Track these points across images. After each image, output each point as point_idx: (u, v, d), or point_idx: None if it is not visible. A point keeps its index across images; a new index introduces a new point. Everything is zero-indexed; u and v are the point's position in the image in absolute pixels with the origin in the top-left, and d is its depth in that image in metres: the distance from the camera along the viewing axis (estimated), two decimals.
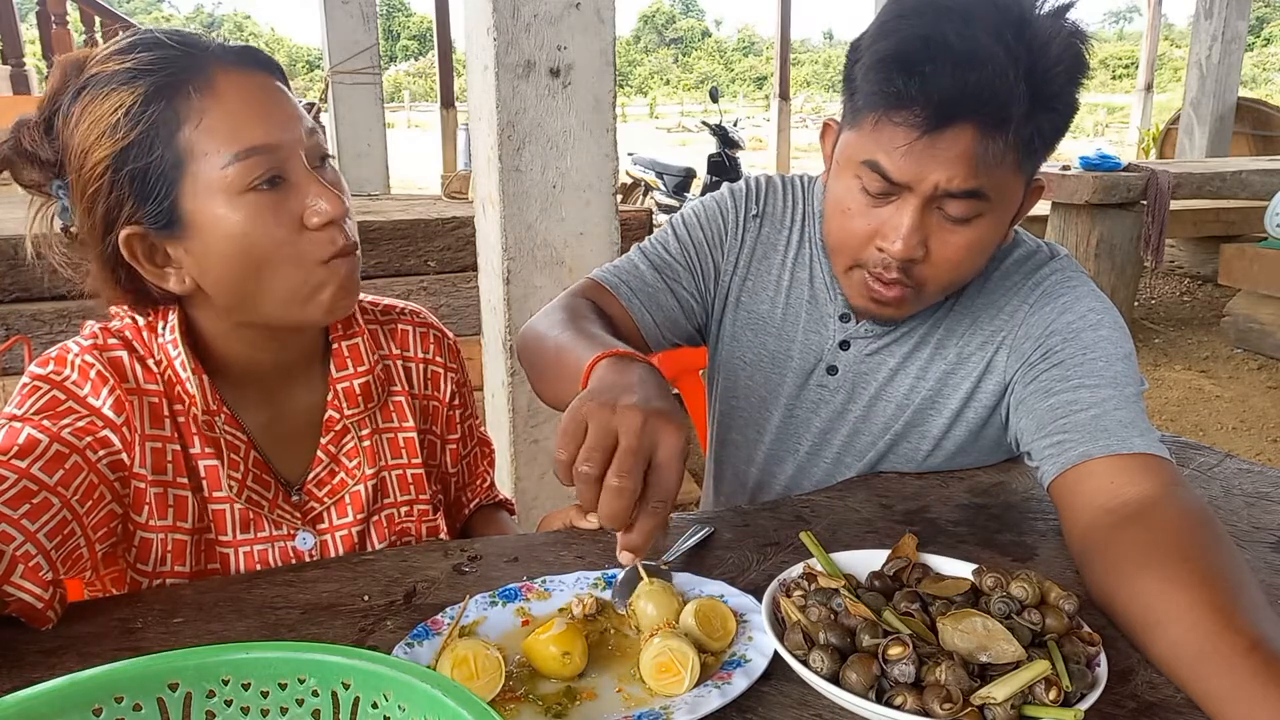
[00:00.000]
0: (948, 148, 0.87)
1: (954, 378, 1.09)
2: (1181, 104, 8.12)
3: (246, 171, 0.81)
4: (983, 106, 0.85)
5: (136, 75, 0.81)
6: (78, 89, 0.83)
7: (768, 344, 1.17)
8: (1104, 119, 25.51)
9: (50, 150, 0.85)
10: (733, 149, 7.92)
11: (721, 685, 0.69)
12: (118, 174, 0.81)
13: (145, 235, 0.84)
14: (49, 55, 6.33)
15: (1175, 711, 0.68)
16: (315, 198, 0.84)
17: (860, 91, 0.92)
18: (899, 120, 0.88)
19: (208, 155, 0.81)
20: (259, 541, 0.93)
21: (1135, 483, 0.86)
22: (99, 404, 0.85)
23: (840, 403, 1.14)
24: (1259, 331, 4.94)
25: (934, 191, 0.90)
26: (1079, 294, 1.03)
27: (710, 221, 1.19)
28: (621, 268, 1.17)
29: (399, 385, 1.04)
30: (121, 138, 0.80)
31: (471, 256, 3.16)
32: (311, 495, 0.97)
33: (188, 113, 0.81)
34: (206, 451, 0.91)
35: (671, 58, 49.11)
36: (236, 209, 0.82)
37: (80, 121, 0.82)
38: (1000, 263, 1.08)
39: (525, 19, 1.87)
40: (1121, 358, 0.97)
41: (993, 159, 0.88)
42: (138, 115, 0.80)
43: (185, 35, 0.84)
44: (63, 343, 0.89)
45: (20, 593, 0.73)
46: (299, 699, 0.52)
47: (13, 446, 0.79)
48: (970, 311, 1.08)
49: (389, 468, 1.02)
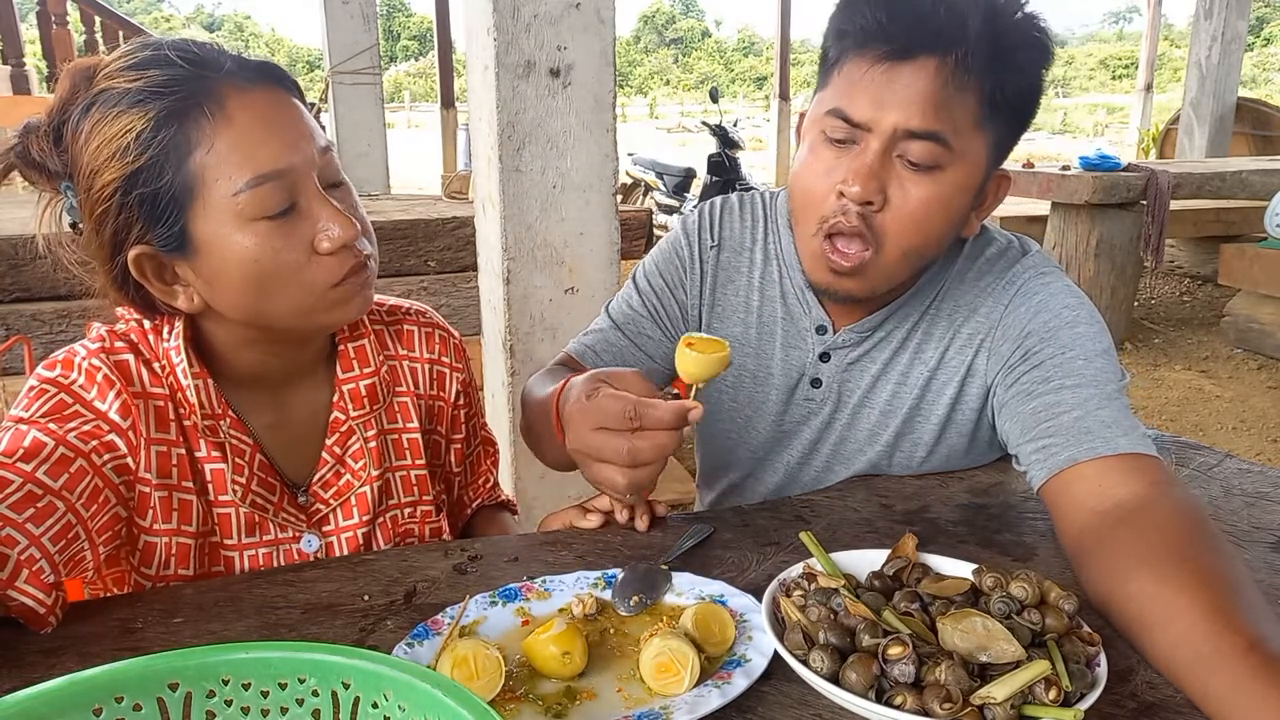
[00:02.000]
0: (908, 84, 0.90)
1: (936, 382, 1.09)
2: (1181, 104, 8.12)
3: (259, 200, 0.81)
4: (942, 43, 0.88)
5: (147, 98, 0.79)
6: (88, 103, 0.81)
7: (746, 364, 1.16)
8: (1104, 119, 25.52)
9: (59, 162, 0.84)
10: (733, 149, 7.91)
11: (721, 685, 0.69)
12: (127, 197, 0.81)
13: (154, 255, 0.84)
14: (49, 55, 6.33)
15: (1175, 711, 0.68)
16: (327, 222, 0.84)
17: (829, 39, 0.96)
18: (861, 56, 0.91)
19: (219, 181, 0.80)
20: (264, 545, 0.93)
21: (1124, 483, 0.86)
22: (105, 408, 0.85)
23: (827, 414, 1.14)
24: (1259, 331, 4.94)
25: (894, 133, 0.91)
26: (1053, 290, 1.03)
27: (667, 265, 1.19)
28: (590, 334, 1.19)
29: (404, 386, 1.04)
30: (131, 161, 0.79)
31: (471, 256, 3.16)
32: (317, 497, 0.97)
33: (199, 138, 0.80)
34: (212, 455, 0.91)
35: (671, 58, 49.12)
36: (247, 234, 0.81)
37: (89, 140, 0.81)
38: (973, 262, 1.09)
39: (525, 19, 1.87)
40: (1100, 353, 0.97)
41: (953, 102, 0.90)
42: (148, 140, 0.79)
43: (197, 53, 0.82)
44: (70, 346, 0.89)
45: (23, 598, 0.73)
46: (299, 699, 0.52)
47: (18, 449, 0.79)
48: (946, 314, 1.08)
49: (394, 469, 1.02)
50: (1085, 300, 1.03)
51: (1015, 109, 0.94)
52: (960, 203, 0.97)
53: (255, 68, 0.84)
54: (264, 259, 0.82)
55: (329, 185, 0.86)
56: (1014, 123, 0.96)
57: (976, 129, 0.93)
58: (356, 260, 0.87)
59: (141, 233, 0.82)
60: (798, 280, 1.12)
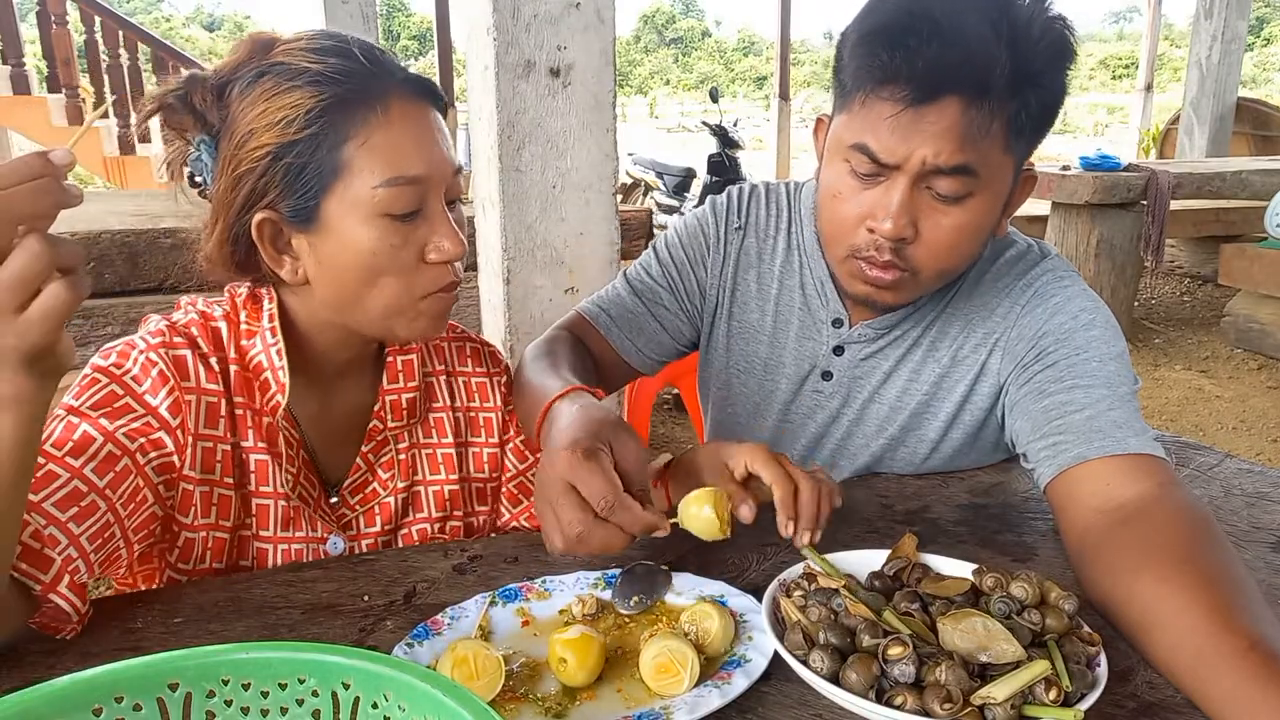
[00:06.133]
0: (934, 121, 0.88)
1: (948, 380, 1.09)
2: (1181, 104, 8.11)
3: (392, 198, 0.85)
4: (967, 79, 0.87)
5: (323, 81, 0.84)
6: (261, 70, 0.85)
7: (760, 351, 1.17)
8: (1104, 119, 25.51)
9: (217, 116, 0.87)
10: (733, 149, 7.91)
11: (721, 685, 0.69)
12: (275, 163, 0.84)
13: (278, 222, 0.87)
14: (49, 55, 6.33)
15: (1175, 711, 0.68)
16: (442, 237, 0.88)
17: (847, 71, 0.93)
18: (885, 95, 0.89)
19: (363, 172, 0.84)
20: (295, 540, 0.94)
21: (1131, 483, 0.87)
22: (156, 403, 0.86)
23: (835, 407, 1.14)
24: (1259, 331, 4.94)
25: (922, 168, 0.90)
26: (1070, 294, 1.04)
27: (691, 239, 1.20)
28: (605, 297, 1.19)
29: (440, 401, 1.05)
30: (292, 133, 0.83)
31: (471, 256, 3.16)
32: (345, 501, 0.99)
33: (358, 129, 0.84)
34: (259, 446, 0.92)
35: (671, 58, 49.08)
36: (371, 226, 0.85)
37: (256, 104, 0.85)
38: (992, 264, 1.09)
39: (525, 19, 1.87)
40: (1114, 357, 0.98)
41: (979, 133, 0.88)
42: (313, 119, 0.83)
43: (376, 54, 0.87)
44: (129, 337, 0.90)
45: (61, 601, 0.73)
46: (299, 699, 0.52)
47: (68, 442, 0.79)
48: (963, 314, 1.09)
49: (424, 483, 1.03)
50: (1102, 306, 1.04)
51: (1040, 122, 0.93)
52: (990, 220, 0.97)
53: (421, 84, 0.90)
54: (380, 252, 0.86)
55: (450, 202, 0.91)
56: (1039, 133, 0.95)
57: (1004, 153, 0.92)
58: (452, 279, 0.91)
59: (276, 199, 0.86)
60: (819, 272, 1.12)
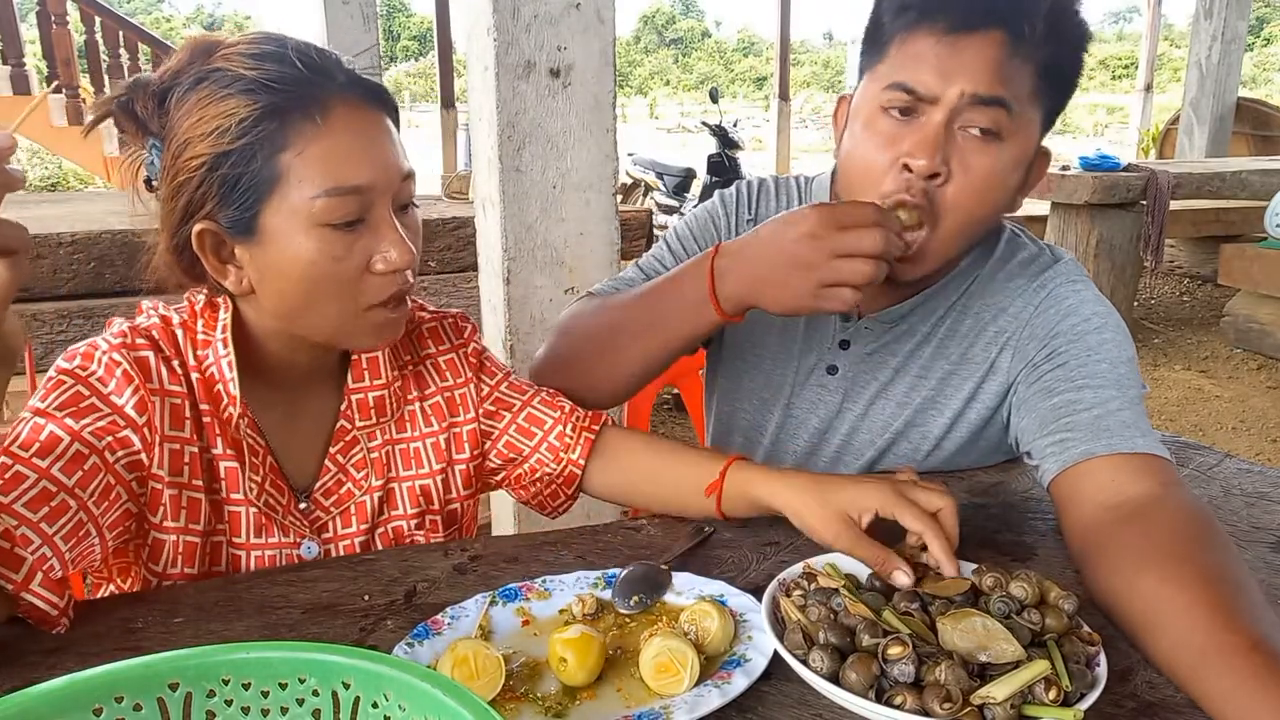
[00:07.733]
0: (975, 54, 0.91)
1: (956, 377, 1.09)
2: (1181, 104, 8.11)
3: (332, 208, 0.82)
4: (1006, 15, 0.91)
5: (258, 88, 0.81)
6: (200, 76, 0.84)
7: (769, 344, 1.17)
8: (1104, 119, 25.49)
9: (158, 124, 0.86)
10: (733, 149, 7.91)
11: (721, 685, 0.69)
12: (211, 174, 0.83)
13: (218, 233, 0.86)
14: (49, 55, 6.33)
15: (1175, 711, 0.68)
16: (389, 246, 0.86)
17: (887, 14, 0.97)
18: (925, 29, 0.93)
19: (301, 182, 0.82)
20: (269, 547, 0.93)
21: (1136, 482, 0.87)
22: (122, 403, 0.86)
23: (837, 402, 1.14)
24: (1259, 331, 4.94)
25: (959, 101, 0.92)
26: (1083, 297, 1.04)
27: (703, 231, 1.20)
28: (620, 279, 1.19)
29: (432, 387, 1.03)
30: (226, 143, 0.81)
31: (471, 256, 3.16)
32: (318, 504, 0.97)
33: (295, 138, 0.82)
34: (228, 453, 0.91)
35: (671, 58, 49.06)
36: (311, 238, 0.83)
37: (191, 113, 0.83)
38: (1004, 264, 1.09)
39: (525, 19, 1.87)
40: (1124, 360, 0.98)
41: (1015, 72, 0.92)
42: (247, 128, 0.81)
43: (316, 59, 0.85)
44: (91, 339, 0.90)
45: (37, 600, 0.73)
46: (299, 699, 0.52)
47: (34, 443, 0.79)
48: (974, 311, 1.09)
49: (398, 479, 1.01)
50: (1113, 311, 1.04)
51: (1062, 84, 0.97)
52: (1015, 179, 0.98)
53: (365, 87, 0.86)
54: (320, 263, 0.84)
55: (399, 209, 0.88)
56: (1060, 98, 0.98)
57: (1033, 100, 0.95)
58: (401, 288, 0.88)
59: (213, 210, 0.84)
60: None
